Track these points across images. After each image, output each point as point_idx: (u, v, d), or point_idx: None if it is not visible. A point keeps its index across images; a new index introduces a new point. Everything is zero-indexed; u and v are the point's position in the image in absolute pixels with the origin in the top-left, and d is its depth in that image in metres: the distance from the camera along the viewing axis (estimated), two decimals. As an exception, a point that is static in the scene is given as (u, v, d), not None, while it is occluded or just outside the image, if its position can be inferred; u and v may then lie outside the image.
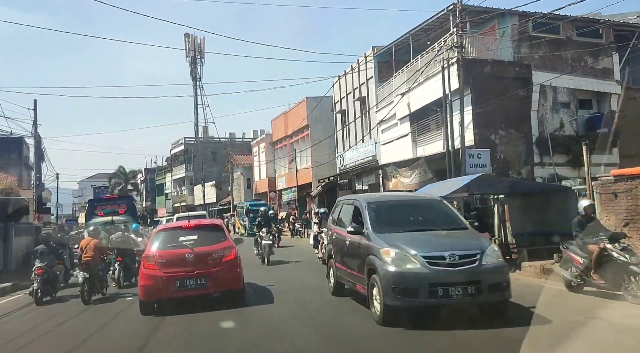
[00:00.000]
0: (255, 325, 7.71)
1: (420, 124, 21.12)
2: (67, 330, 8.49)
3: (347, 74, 30.06)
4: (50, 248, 11.59)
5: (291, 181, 42.12)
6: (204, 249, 8.68)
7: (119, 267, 12.40)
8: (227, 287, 8.64)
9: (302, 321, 7.79)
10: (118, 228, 14.93)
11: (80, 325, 8.78)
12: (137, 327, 8.01)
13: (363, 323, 7.27)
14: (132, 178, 76.07)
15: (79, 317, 9.42)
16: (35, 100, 24.54)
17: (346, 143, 31.07)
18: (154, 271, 8.47)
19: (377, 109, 25.49)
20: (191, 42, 64.30)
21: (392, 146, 23.82)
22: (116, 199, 21.69)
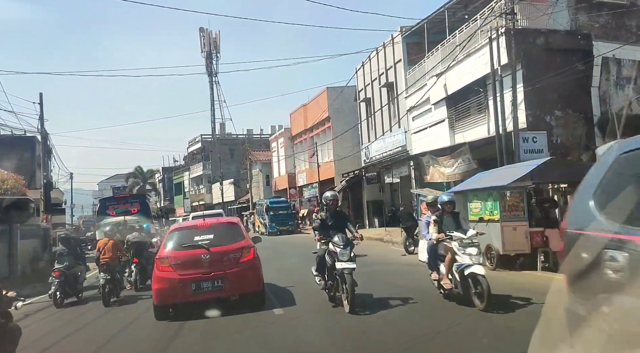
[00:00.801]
0: (278, 331, 7.07)
1: (458, 108, 18.95)
2: (86, 335, 8.21)
3: (372, 59, 27.96)
4: (69, 249, 11.40)
5: (312, 177, 40.22)
6: (221, 249, 8.17)
7: (136, 269, 12.03)
8: (246, 289, 8.21)
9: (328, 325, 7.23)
10: (132, 228, 14.31)
11: (100, 329, 8.55)
12: (157, 333, 7.65)
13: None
14: (149, 178, 75.10)
15: (98, 321, 9.19)
16: (41, 94, 23.01)
17: (372, 133, 28.99)
18: (168, 274, 8.04)
19: (407, 94, 23.39)
20: (206, 36, 62.82)
21: (425, 134, 21.70)
22: (128, 198, 20.10)
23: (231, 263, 8.09)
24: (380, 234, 24.73)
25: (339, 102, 35.56)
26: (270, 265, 12.14)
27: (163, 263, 8.15)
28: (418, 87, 22.02)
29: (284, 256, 20.27)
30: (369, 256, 16.33)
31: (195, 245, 8.26)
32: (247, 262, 8.19)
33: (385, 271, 12.40)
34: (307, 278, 11.49)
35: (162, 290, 8.01)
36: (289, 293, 9.73)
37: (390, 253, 16.70)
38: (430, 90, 19.90)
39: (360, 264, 13.85)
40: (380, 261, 14.74)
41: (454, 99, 19.08)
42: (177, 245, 8.39)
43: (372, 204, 29.48)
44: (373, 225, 29.22)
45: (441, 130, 20.09)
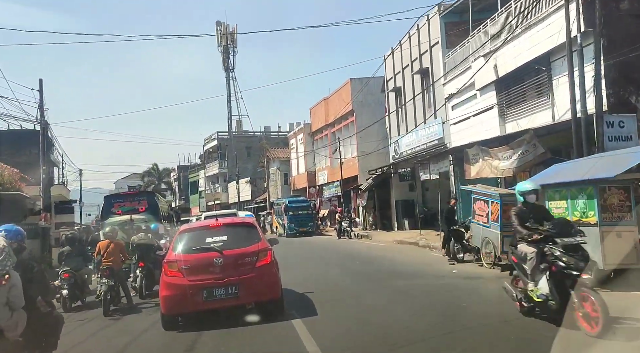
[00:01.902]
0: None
1: (511, 92, 16.31)
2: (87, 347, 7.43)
3: (403, 44, 25.39)
4: (77, 250, 11.01)
5: (333, 175, 37.81)
6: (235, 252, 7.59)
7: (141, 274, 11.13)
8: (262, 297, 7.61)
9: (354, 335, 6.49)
10: (138, 228, 13.31)
11: (103, 341, 7.84)
12: (164, 346, 7.02)
13: None
14: (165, 176, 73.49)
15: (103, 331, 8.43)
16: (41, 80, 20.93)
17: (402, 126, 26.42)
18: (177, 279, 7.46)
19: (445, 80, 20.79)
20: (223, 30, 60.85)
21: (468, 124, 19.09)
22: (136, 195, 18.03)
23: (246, 267, 7.48)
24: (413, 237, 22.20)
25: (363, 94, 33.13)
26: (288, 269, 10.80)
27: (172, 268, 7.54)
28: (459, 72, 19.43)
29: (304, 259, 18.23)
30: (412, 264, 13.79)
31: (207, 247, 7.61)
32: (264, 267, 7.55)
33: (442, 287, 9.86)
34: (328, 284, 10.95)
35: (170, 297, 7.42)
36: (308, 301, 8.87)
37: (434, 261, 14.16)
38: (476, 73, 17.27)
39: (406, 275, 11.69)
40: (427, 272, 12.22)
41: (506, 82, 16.45)
42: (187, 248, 7.75)
43: (402, 204, 26.90)
44: (403, 226, 26.65)
45: (488, 119, 17.48)
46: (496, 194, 11.91)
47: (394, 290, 9.61)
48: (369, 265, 14.43)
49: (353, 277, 12.00)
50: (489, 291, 8.68)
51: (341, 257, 17.14)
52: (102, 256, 10.39)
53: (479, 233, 12.66)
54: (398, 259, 15.28)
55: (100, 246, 10.66)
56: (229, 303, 7.45)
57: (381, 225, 29.20)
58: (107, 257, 10.28)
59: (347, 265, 14.67)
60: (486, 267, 12.04)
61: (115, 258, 10.36)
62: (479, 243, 12.80)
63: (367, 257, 16.46)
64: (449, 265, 13.24)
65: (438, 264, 13.44)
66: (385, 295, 9.28)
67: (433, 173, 19.77)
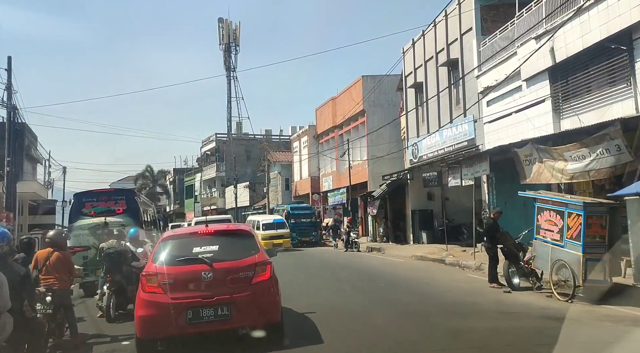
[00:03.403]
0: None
1: (571, 81, 13.43)
2: None
3: (427, 34, 22.56)
4: None
5: (339, 181, 34.91)
6: (228, 265, 6.47)
7: (109, 291, 9.37)
8: (259, 320, 6.40)
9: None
10: (109, 232, 11.35)
11: None
12: None
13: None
14: (160, 179, 70.39)
15: None
16: (10, 57, 17.95)
17: (422, 127, 23.51)
18: (156, 296, 6.28)
19: (480, 72, 17.91)
20: (225, 28, 58.25)
21: (509, 121, 16.20)
22: (112, 194, 15.12)
23: (241, 284, 6.39)
24: (435, 252, 19.22)
25: (376, 94, 30.37)
26: (287, 284, 9.18)
27: (150, 282, 6.42)
28: (499, 61, 16.58)
29: (306, 273, 15.71)
30: (455, 291, 10.75)
31: (194, 258, 6.56)
32: (262, 283, 6.45)
33: (531, 335, 6.80)
34: (333, 302, 9.66)
35: (147, 318, 6.32)
36: (310, 324, 7.68)
37: (480, 287, 11.16)
38: (524, 60, 14.39)
39: (462, 311, 8.39)
40: (485, 305, 9.20)
41: (565, 68, 13.58)
42: (170, 258, 6.65)
43: (419, 214, 23.90)
44: (420, 239, 23.63)
45: (538, 115, 14.57)
46: (578, 203, 8.97)
47: (463, 341, 6.57)
48: (396, 289, 11.40)
49: (382, 309, 9.07)
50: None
51: (358, 276, 14.14)
52: (39, 271, 7.48)
53: (547, 253, 9.70)
54: (431, 282, 12.27)
55: (38, 257, 7.64)
56: (218, 326, 6.36)
57: (393, 237, 26.21)
58: (46, 273, 7.44)
59: (370, 288, 11.68)
60: (560, 299, 9.06)
61: (59, 275, 7.51)
62: (545, 266, 9.83)
63: (391, 278, 13.43)
64: (503, 293, 10.24)
65: (490, 292, 10.43)
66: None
67: (466, 179, 16.81)
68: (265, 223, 27.18)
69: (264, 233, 25.13)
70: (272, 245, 24.12)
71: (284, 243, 25.53)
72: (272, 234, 25.83)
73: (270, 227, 26.58)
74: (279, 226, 26.95)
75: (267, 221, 27.74)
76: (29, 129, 32.39)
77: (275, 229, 26.40)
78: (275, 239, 25.28)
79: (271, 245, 24.12)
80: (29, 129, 31.93)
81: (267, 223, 27.12)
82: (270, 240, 24.79)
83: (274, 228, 26.44)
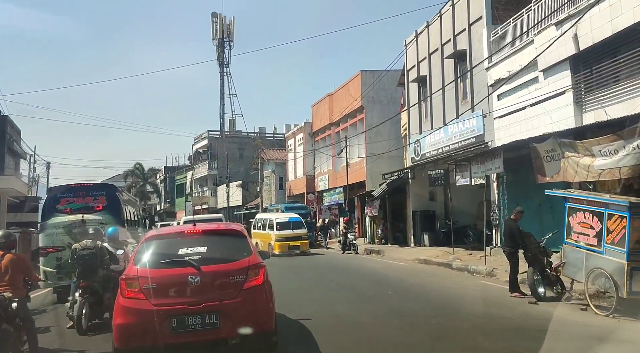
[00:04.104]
0: None
1: (596, 71, 12.29)
2: None
3: (432, 26, 21.41)
4: None
5: (335, 181, 33.69)
6: (217, 268, 5.94)
7: (82, 298, 8.34)
8: (252, 329, 5.76)
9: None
10: (83, 231, 9.90)
11: None
12: None
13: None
14: (150, 177, 68.81)
15: None
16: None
17: (425, 123, 22.34)
18: (137, 302, 5.75)
19: (490, 64, 16.77)
20: (219, 23, 56.90)
21: (523, 115, 15.07)
22: (91, 189, 13.76)
23: (231, 289, 5.80)
24: (439, 255, 18.08)
25: (375, 90, 29.19)
26: (283, 291, 8.94)
27: (131, 287, 5.81)
28: (512, 50, 15.45)
29: (304, 277, 14.84)
30: (473, 301, 9.56)
31: (180, 260, 5.94)
32: (254, 289, 5.86)
33: None
34: (337, 311, 8.88)
35: (127, 327, 5.72)
36: (305, 332, 7.03)
37: (499, 296, 10.00)
38: (541, 49, 13.24)
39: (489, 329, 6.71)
40: (514, 320, 7.98)
41: (589, 57, 12.44)
42: (153, 260, 6.02)
43: (421, 215, 22.73)
44: (421, 241, 22.46)
45: (557, 108, 13.43)
46: (622, 203, 7.79)
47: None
48: (406, 297, 10.19)
49: (393, 321, 7.87)
50: None
51: (361, 281, 12.94)
52: None
53: (581, 260, 8.55)
54: (443, 290, 11.08)
55: None
56: (206, 336, 5.85)
57: (392, 238, 25.02)
58: None
59: (376, 295, 10.46)
60: (598, 313, 7.89)
61: (12, 281, 6.42)
62: (578, 275, 8.68)
63: (398, 284, 12.21)
64: (529, 304, 9.07)
65: (513, 303, 9.24)
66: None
67: (476, 177, 15.64)
68: (280, 221, 23.87)
69: (278, 234, 23.05)
70: (288, 248, 22.49)
71: (302, 246, 23.09)
72: (288, 235, 23.08)
73: (286, 226, 23.51)
74: (296, 225, 23.75)
75: (282, 219, 24.23)
76: (11, 122, 30.90)
77: (292, 229, 23.39)
78: (292, 240, 22.89)
79: (287, 247, 22.49)
80: (10, 122, 30.45)
81: (282, 222, 23.79)
82: (286, 241, 22.78)
83: (290, 228, 23.43)
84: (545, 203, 13.93)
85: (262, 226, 25.09)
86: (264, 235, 24.24)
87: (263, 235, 24.32)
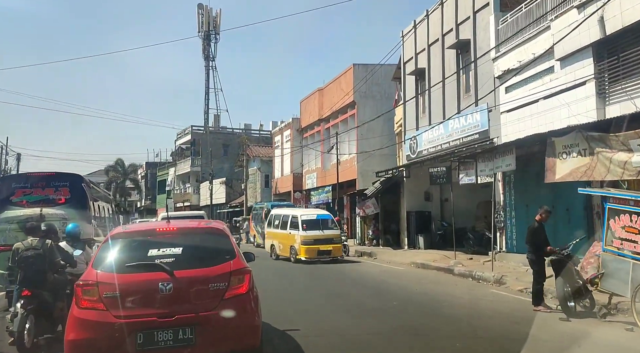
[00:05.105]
0: None
1: (623, 58, 11.08)
2: None
3: (432, 15, 20.15)
4: None
5: (324, 179, 32.35)
6: (194, 273, 5.13)
7: (25, 310, 6.74)
8: (233, 346, 5.06)
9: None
10: (40, 228, 8.14)
11: None
12: None
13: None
14: (131, 173, 66.72)
15: None
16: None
17: (422, 119, 21.07)
18: (96, 314, 4.92)
19: (498, 53, 15.54)
20: (205, 14, 55.13)
21: (535, 109, 13.84)
22: (52, 179, 12.22)
23: (210, 299, 5.02)
24: (437, 259, 16.81)
25: (367, 85, 27.90)
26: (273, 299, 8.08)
27: (88, 295, 4.95)
28: (523, 38, 14.22)
29: (294, 282, 13.52)
30: (486, 316, 8.20)
31: (150, 264, 5.10)
32: (238, 298, 5.07)
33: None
34: (328, 321, 7.86)
35: (82, 343, 4.87)
36: (294, 346, 6.05)
37: (522, 308, 8.68)
38: (560, 36, 12.01)
39: None
40: (549, 341, 6.66)
41: (616, 42, 11.24)
42: (117, 263, 5.16)
43: (416, 216, 21.45)
44: (416, 244, 21.20)
45: (577, 100, 12.22)
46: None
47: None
48: (415, 309, 8.83)
49: (408, 341, 6.51)
50: None
51: (359, 289, 11.54)
52: None
53: (626, 271, 7.28)
54: (454, 301, 9.75)
55: None
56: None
57: (384, 240, 23.75)
58: None
59: (380, 307, 9.06)
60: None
61: None
62: (622, 289, 7.40)
63: (401, 292, 10.83)
64: (560, 320, 7.77)
65: (542, 319, 7.91)
66: None
67: (483, 175, 14.37)
68: (306, 219, 18.76)
69: (305, 235, 18.09)
70: (317, 253, 17.83)
71: (334, 251, 18.17)
72: (318, 236, 18.13)
73: (314, 226, 18.49)
74: (326, 224, 18.82)
75: (308, 216, 19.15)
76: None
77: (321, 229, 18.41)
78: (322, 244, 17.98)
79: (315, 252, 17.83)
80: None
81: (309, 220, 18.72)
82: (315, 245, 17.91)
83: (319, 228, 18.43)
84: (560, 205, 12.73)
85: (280, 225, 20.09)
86: (283, 235, 19.47)
87: (283, 235, 19.55)
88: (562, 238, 9.96)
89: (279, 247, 19.90)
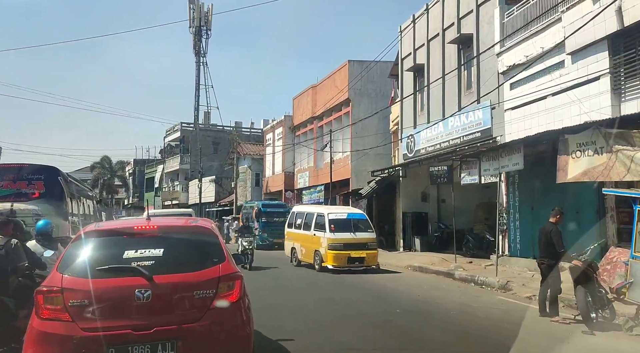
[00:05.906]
0: None
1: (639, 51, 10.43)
2: None
3: (432, 9, 19.44)
4: None
5: (316, 178, 31.58)
6: (176, 279, 4.54)
7: None
8: None
9: None
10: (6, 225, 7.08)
11: None
12: None
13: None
14: (119, 170, 65.39)
15: None
16: None
17: (420, 116, 20.36)
18: (60, 326, 4.30)
19: (503, 48, 14.86)
20: (197, 9, 54.11)
21: (542, 106, 13.17)
22: (25, 171, 11.34)
23: (195, 308, 4.46)
24: (435, 263, 16.14)
25: (362, 82, 27.19)
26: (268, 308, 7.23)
27: (51, 303, 4.33)
28: (531, 32, 13.55)
29: (288, 287, 12.45)
30: (504, 328, 7.39)
31: (125, 267, 4.50)
32: (227, 308, 4.48)
33: None
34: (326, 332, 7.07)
35: None
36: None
37: (540, 319, 7.93)
38: (572, 28, 11.34)
39: None
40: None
41: (634, 35, 10.57)
42: (86, 266, 4.52)
43: (412, 217, 20.74)
44: (412, 246, 20.49)
45: (589, 96, 11.56)
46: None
47: None
48: (423, 320, 8.06)
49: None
50: None
51: (359, 295, 10.71)
52: None
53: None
54: (464, 309, 9.01)
55: None
56: None
57: (378, 242, 22.96)
58: None
59: (385, 317, 8.26)
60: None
61: None
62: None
63: (403, 299, 10.06)
64: (582, 333, 7.05)
65: (560, 331, 7.20)
66: None
67: (487, 174, 13.68)
68: (334, 218, 15.36)
69: (333, 238, 14.73)
70: (347, 261, 14.56)
71: (368, 259, 14.81)
72: (349, 240, 14.80)
73: (345, 227, 15.14)
74: (358, 226, 15.44)
75: (337, 215, 15.67)
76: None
77: (353, 231, 15.07)
78: (354, 249, 14.69)
79: (345, 259, 14.55)
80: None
81: (338, 220, 15.33)
82: (345, 250, 14.61)
83: (350, 230, 15.08)
84: (570, 208, 12.03)
85: (303, 225, 16.80)
86: (306, 238, 16.20)
87: (305, 238, 16.29)
88: (572, 244, 9.27)
89: (300, 251, 16.59)
